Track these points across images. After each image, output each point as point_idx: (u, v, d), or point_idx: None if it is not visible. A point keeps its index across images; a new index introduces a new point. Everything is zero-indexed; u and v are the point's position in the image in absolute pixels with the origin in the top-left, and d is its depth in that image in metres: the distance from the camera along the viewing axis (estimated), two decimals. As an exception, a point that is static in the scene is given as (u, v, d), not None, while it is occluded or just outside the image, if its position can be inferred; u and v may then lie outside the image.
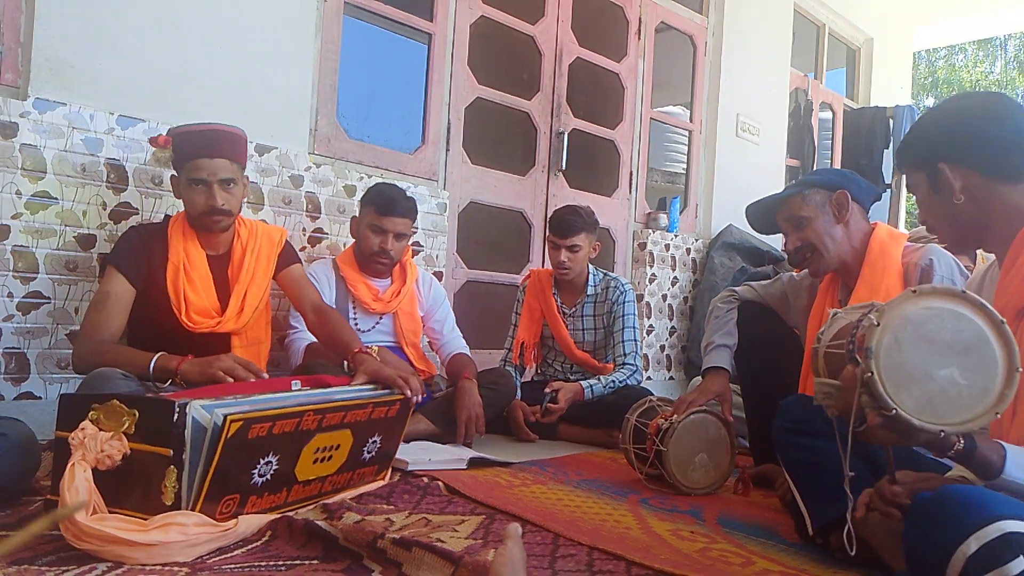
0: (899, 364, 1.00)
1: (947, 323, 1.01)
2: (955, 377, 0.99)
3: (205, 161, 1.98)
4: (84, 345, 1.89)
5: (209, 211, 2.00)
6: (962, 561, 0.90)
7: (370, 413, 1.68)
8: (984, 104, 1.30)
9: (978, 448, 1.02)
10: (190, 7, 2.42)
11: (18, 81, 2.13)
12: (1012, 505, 0.93)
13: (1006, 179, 1.23)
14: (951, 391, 0.99)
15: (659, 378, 4.22)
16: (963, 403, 0.99)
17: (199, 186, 1.99)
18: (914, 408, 0.99)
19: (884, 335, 1.01)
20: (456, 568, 1.19)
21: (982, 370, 1.00)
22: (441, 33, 3.27)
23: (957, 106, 1.34)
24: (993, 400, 0.99)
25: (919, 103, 16.46)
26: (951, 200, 1.27)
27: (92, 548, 1.19)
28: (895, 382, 0.99)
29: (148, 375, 1.77)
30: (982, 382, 0.99)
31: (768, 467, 2.09)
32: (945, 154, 1.27)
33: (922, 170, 1.32)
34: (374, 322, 2.60)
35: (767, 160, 5.00)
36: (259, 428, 1.37)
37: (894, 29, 6.39)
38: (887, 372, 1.00)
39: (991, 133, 1.24)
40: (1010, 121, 1.25)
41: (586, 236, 2.80)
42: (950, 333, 1.01)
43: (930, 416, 0.98)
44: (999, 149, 1.23)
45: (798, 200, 1.93)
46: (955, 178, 1.26)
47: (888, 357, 1.00)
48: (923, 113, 1.39)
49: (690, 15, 4.51)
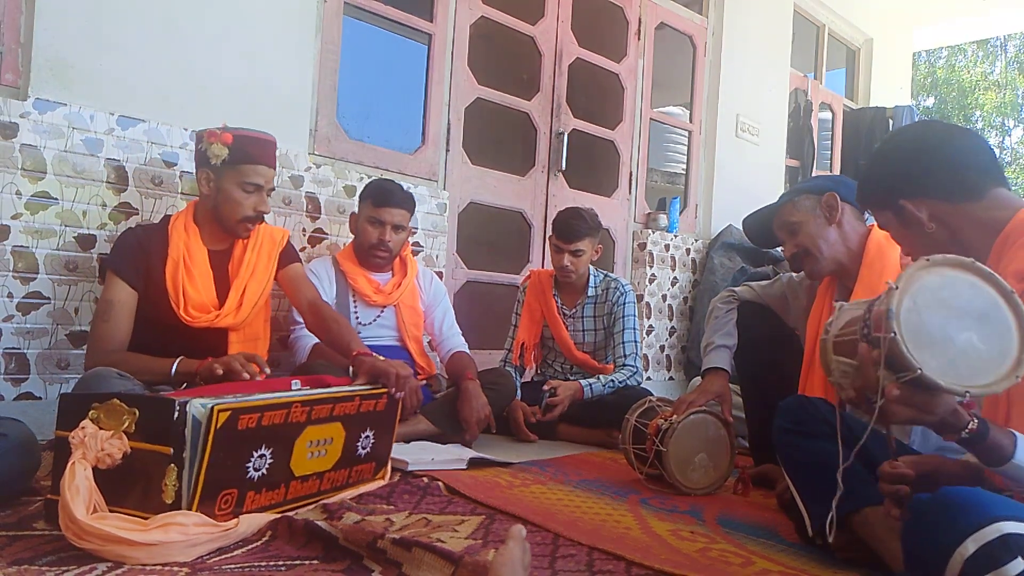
0: (920, 326, 1.00)
1: (962, 291, 1.02)
2: (974, 341, 1.00)
3: (265, 169, 2.06)
4: (95, 358, 1.88)
5: (256, 216, 2.07)
6: (960, 562, 0.90)
7: (358, 406, 1.69)
8: (919, 136, 1.34)
9: (991, 431, 1.02)
10: (190, 7, 2.42)
11: (18, 81, 2.13)
12: (1010, 507, 0.93)
13: (967, 198, 1.27)
14: (971, 354, 0.99)
15: (659, 378, 4.22)
16: (983, 366, 0.99)
17: (252, 189, 2.04)
18: (938, 369, 0.98)
19: (903, 298, 1.01)
20: (456, 568, 1.19)
21: (998, 336, 1.00)
22: (441, 33, 3.28)
23: (899, 143, 1.37)
24: (1012, 364, 0.99)
25: (919, 103, 16.50)
26: (923, 231, 1.30)
27: (92, 547, 1.19)
28: (917, 342, 0.99)
29: (170, 380, 1.79)
30: (1000, 347, 1.00)
31: (768, 467, 2.10)
32: (901, 191, 1.31)
33: (887, 209, 1.35)
34: (375, 315, 2.60)
35: (767, 160, 5.00)
36: (248, 419, 1.38)
37: (894, 29, 6.40)
38: (909, 332, 0.99)
39: (937, 161, 1.28)
40: (950, 145, 1.29)
41: (590, 240, 2.80)
42: (965, 300, 1.02)
43: (953, 378, 0.98)
44: (951, 173, 1.27)
45: (789, 207, 1.95)
46: (919, 210, 1.29)
47: (908, 319, 1.00)
48: (867, 159, 1.43)
49: (690, 15, 4.51)
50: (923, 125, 1.37)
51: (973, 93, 17.19)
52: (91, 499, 1.22)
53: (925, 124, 1.34)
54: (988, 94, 17.21)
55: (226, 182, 2.03)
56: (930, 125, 1.35)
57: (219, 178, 2.03)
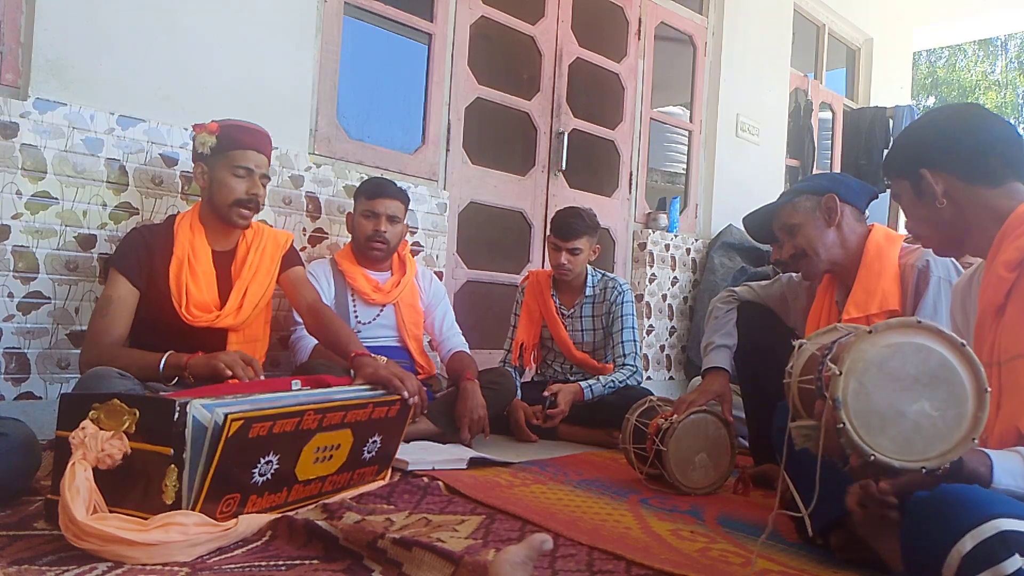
0: (868, 409, 0.99)
1: (909, 357, 1.00)
2: (927, 410, 0.98)
3: (253, 153, 2.07)
4: (90, 351, 1.89)
5: (248, 199, 2.06)
6: (958, 559, 0.90)
7: (370, 413, 1.68)
8: (961, 113, 1.36)
9: (964, 463, 1.02)
10: (190, 7, 2.42)
11: (18, 81, 2.13)
12: (1008, 504, 0.93)
13: (985, 183, 1.28)
14: (925, 425, 0.98)
15: (659, 378, 4.22)
16: (939, 434, 0.98)
17: (243, 173, 2.05)
18: (892, 449, 0.97)
19: (849, 382, 0.99)
20: (456, 568, 1.19)
21: (952, 397, 0.99)
22: (441, 33, 3.28)
23: (936, 116, 1.40)
24: (968, 426, 0.98)
25: (919, 103, 16.47)
26: (934, 204, 1.31)
27: (92, 547, 1.19)
28: (868, 427, 0.98)
29: (158, 375, 1.79)
30: (954, 409, 0.98)
31: (768, 467, 2.10)
32: (926, 160, 1.32)
33: (906, 178, 1.37)
34: (375, 314, 2.60)
35: (767, 160, 5.00)
36: (260, 427, 1.37)
37: (894, 29, 6.40)
38: (858, 419, 0.98)
39: (968, 140, 1.30)
40: (985, 129, 1.30)
41: (587, 239, 2.81)
42: (914, 367, 0.99)
43: (909, 455, 0.97)
44: (977, 154, 1.28)
45: (788, 209, 1.95)
46: (936, 183, 1.31)
47: (856, 403, 0.99)
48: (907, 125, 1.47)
49: (690, 15, 4.51)
50: (967, 105, 1.41)
51: (974, 93, 17.19)
52: (91, 499, 1.22)
53: (969, 105, 1.39)
54: (989, 94, 17.21)
55: (218, 171, 2.06)
56: (973, 106, 1.38)
57: (212, 169, 2.06)
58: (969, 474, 1.02)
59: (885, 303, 1.81)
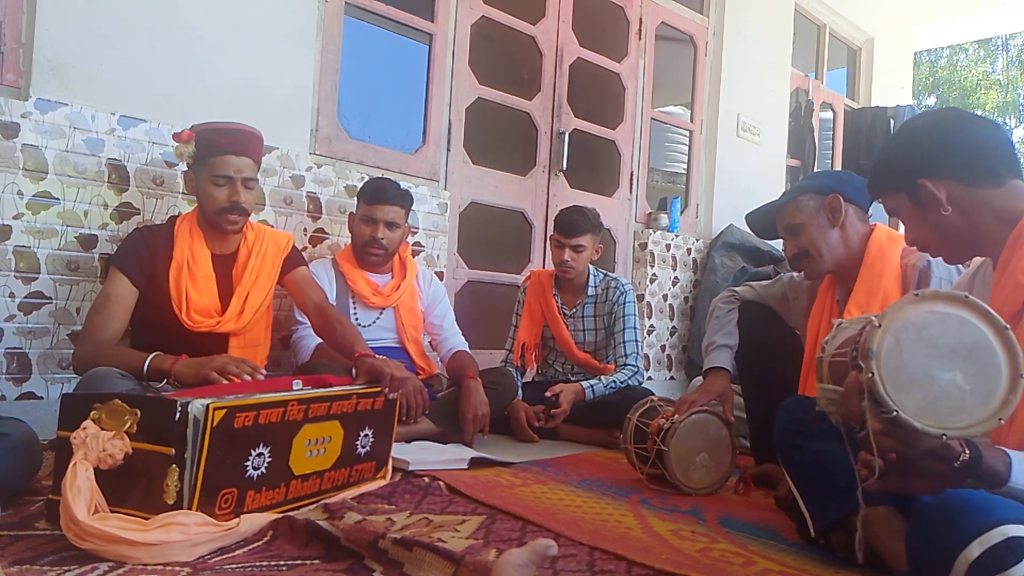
0: (900, 366, 0.99)
1: (950, 327, 0.99)
2: (958, 381, 0.97)
3: (232, 158, 2.01)
4: (83, 347, 1.90)
5: (231, 207, 2.02)
6: (965, 566, 0.89)
7: (355, 404, 1.69)
8: (948, 118, 1.33)
9: (984, 458, 1.00)
10: (191, 7, 2.42)
11: (19, 81, 2.13)
12: (1015, 509, 0.92)
13: (988, 184, 1.25)
14: (953, 395, 0.97)
15: (660, 378, 4.22)
16: (965, 408, 0.97)
17: (223, 182, 2.01)
18: (915, 411, 0.97)
19: (885, 336, 0.99)
20: (457, 568, 1.19)
21: (985, 376, 0.98)
22: (442, 33, 3.28)
23: (921, 125, 1.35)
24: (996, 406, 0.97)
25: (920, 103, 16.47)
26: (939, 213, 1.27)
27: (94, 548, 1.19)
28: (896, 383, 0.98)
29: (143, 375, 1.77)
30: (985, 387, 0.98)
31: (769, 467, 2.09)
32: (924, 170, 1.28)
33: (901, 192, 1.33)
34: (375, 317, 2.60)
35: (768, 160, 5.00)
36: (244, 417, 1.38)
37: (895, 29, 6.39)
38: (888, 373, 0.98)
39: (963, 143, 1.27)
40: (975, 131, 1.27)
41: (591, 237, 2.81)
42: (953, 337, 0.99)
43: (932, 420, 0.97)
44: (975, 157, 1.26)
45: (792, 207, 1.94)
46: (939, 190, 1.26)
47: (889, 359, 0.99)
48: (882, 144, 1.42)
49: (690, 15, 4.51)
50: (945, 110, 1.35)
51: (974, 92, 17.19)
52: (92, 499, 1.22)
53: (947, 110, 1.33)
54: (989, 93, 17.20)
55: (201, 180, 2.05)
56: (952, 111, 1.34)
57: (197, 177, 2.05)
58: (987, 470, 1.01)
59: (887, 303, 1.80)
